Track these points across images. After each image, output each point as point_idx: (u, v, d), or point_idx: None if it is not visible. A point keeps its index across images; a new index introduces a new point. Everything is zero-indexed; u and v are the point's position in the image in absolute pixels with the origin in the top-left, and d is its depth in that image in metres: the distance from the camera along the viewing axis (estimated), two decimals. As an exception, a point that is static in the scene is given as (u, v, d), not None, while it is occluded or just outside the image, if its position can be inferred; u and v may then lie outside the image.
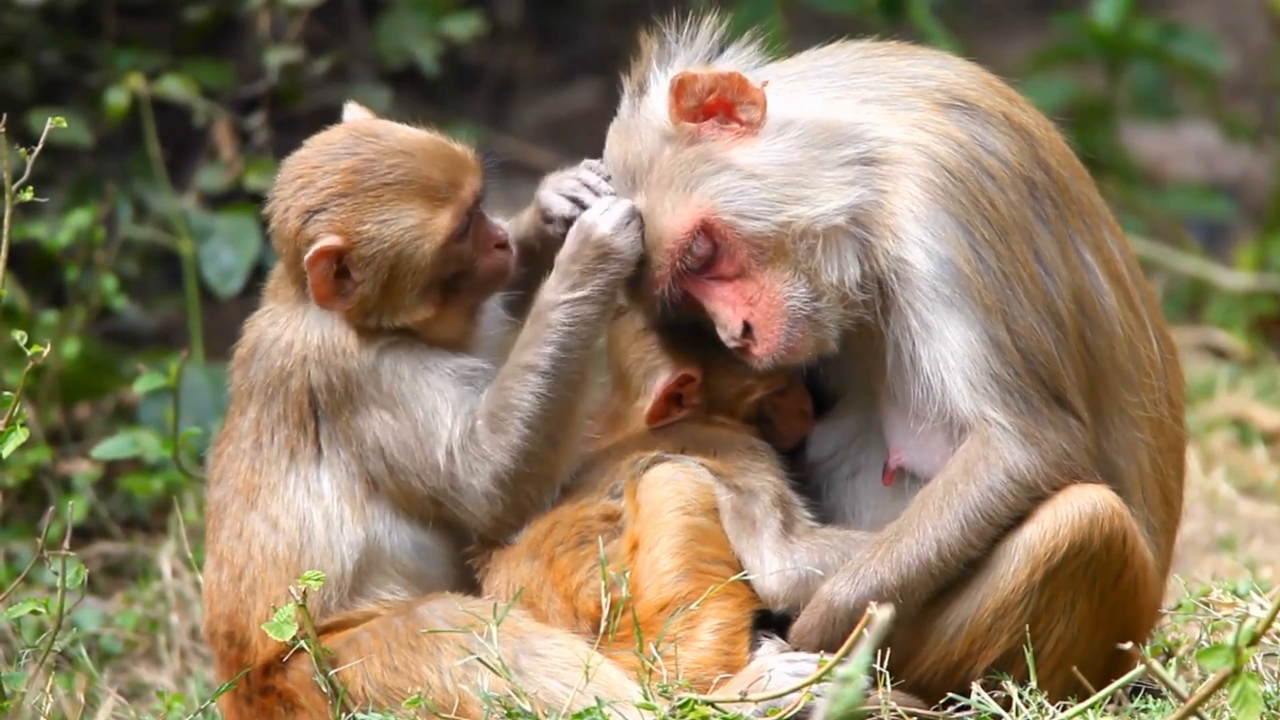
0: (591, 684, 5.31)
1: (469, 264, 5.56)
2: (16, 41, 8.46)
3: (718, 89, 5.43)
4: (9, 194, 5.64)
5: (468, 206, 5.54)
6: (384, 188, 5.50)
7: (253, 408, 5.56)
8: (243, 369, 5.59)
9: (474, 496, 5.48)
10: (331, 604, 5.50)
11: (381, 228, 5.49)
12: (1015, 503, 5.37)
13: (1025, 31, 11.93)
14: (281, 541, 5.51)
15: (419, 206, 5.50)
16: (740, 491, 5.52)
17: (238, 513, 5.55)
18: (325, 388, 5.51)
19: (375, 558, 5.53)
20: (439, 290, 5.54)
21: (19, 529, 7.41)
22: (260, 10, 8.44)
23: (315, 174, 5.52)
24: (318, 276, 5.48)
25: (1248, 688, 4.65)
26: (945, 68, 5.56)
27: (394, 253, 5.48)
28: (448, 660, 5.38)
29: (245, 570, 5.52)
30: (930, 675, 5.44)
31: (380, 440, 5.49)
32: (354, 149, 5.53)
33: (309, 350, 5.52)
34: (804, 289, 5.44)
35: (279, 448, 5.54)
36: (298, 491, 5.52)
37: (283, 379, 5.52)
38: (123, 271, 8.16)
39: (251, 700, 5.53)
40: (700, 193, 5.43)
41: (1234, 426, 8.80)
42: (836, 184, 5.42)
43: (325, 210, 5.49)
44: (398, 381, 5.51)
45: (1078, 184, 5.57)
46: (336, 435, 5.51)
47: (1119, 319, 5.53)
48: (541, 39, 11.15)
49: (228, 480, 5.59)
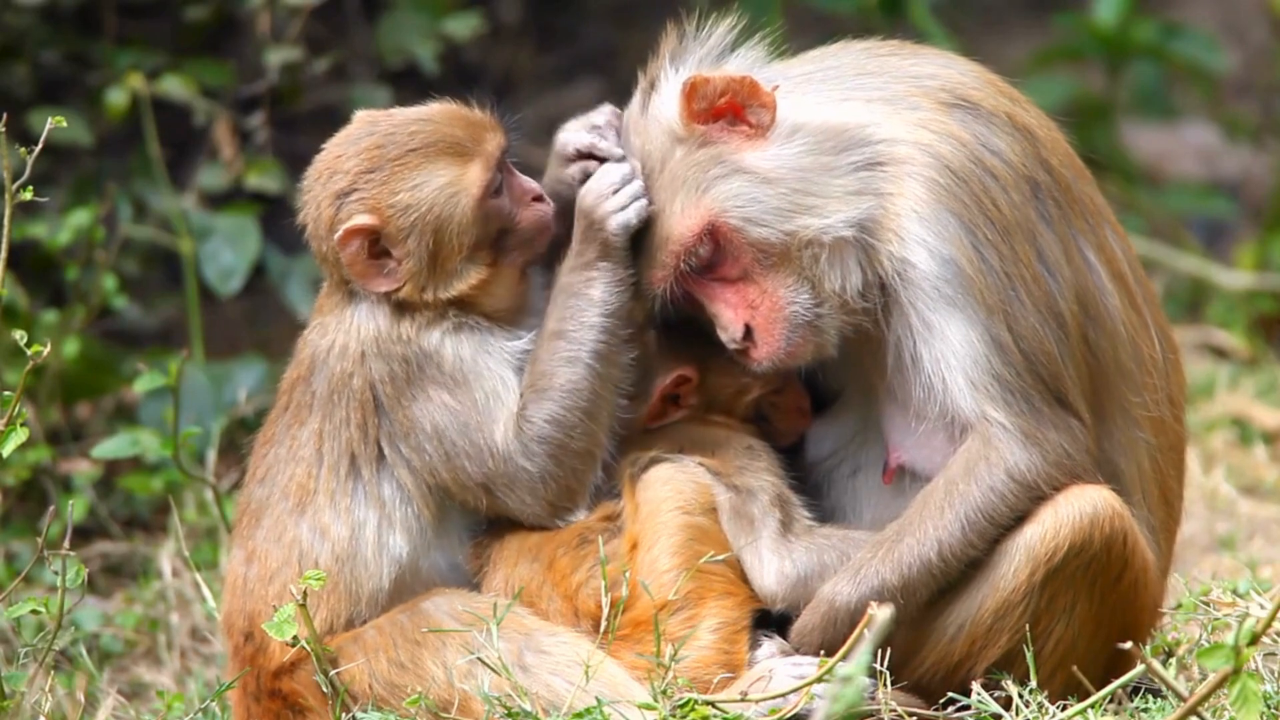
0: (595, 682, 5.31)
1: (510, 220, 5.54)
2: (16, 41, 8.46)
3: (729, 92, 5.43)
4: (9, 194, 5.64)
5: (495, 159, 5.53)
6: (409, 154, 5.50)
7: (314, 419, 5.51)
8: (304, 384, 5.54)
9: (528, 479, 5.45)
10: (358, 622, 5.47)
11: (415, 193, 5.48)
12: (1016, 503, 5.37)
13: (1025, 31, 11.93)
14: (327, 551, 5.47)
15: (448, 165, 5.50)
16: (738, 491, 5.52)
17: (282, 516, 5.50)
18: (388, 378, 5.47)
19: (413, 577, 5.51)
20: (488, 250, 5.52)
21: (19, 529, 7.41)
22: (260, 10, 8.44)
23: (339, 162, 5.52)
24: (350, 256, 5.46)
25: (1248, 687, 4.65)
26: (949, 67, 5.56)
27: (433, 215, 5.47)
28: (453, 655, 5.38)
29: (279, 574, 5.49)
30: (930, 675, 5.44)
31: (438, 424, 5.45)
32: (372, 130, 5.54)
33: (365, 345, 5.49)
34: (806, 295, 5.44)
35: (340, 453, 5.49)
36: (356, 498, 5.48)
37: (345, 381, 5.49)
38: (123, 271, 8.16)
39: (260, 699, 5.52)
40: (711, 196, 5.43)
41: (1234, 426, 8.80)
42: (845, 194, 5.42)
43: (355, 190, 5.49)
44: (459, 363, 5.48)
45: (1080, 183, 5.57)
46: (396, 430, 5.47)
47: (1121, 318, 5.54)
48: (541, 39, 11.15)
49: (274, 481, 5.53)
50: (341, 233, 5.46)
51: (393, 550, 5.49)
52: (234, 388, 7.84)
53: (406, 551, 5.50)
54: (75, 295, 7.89)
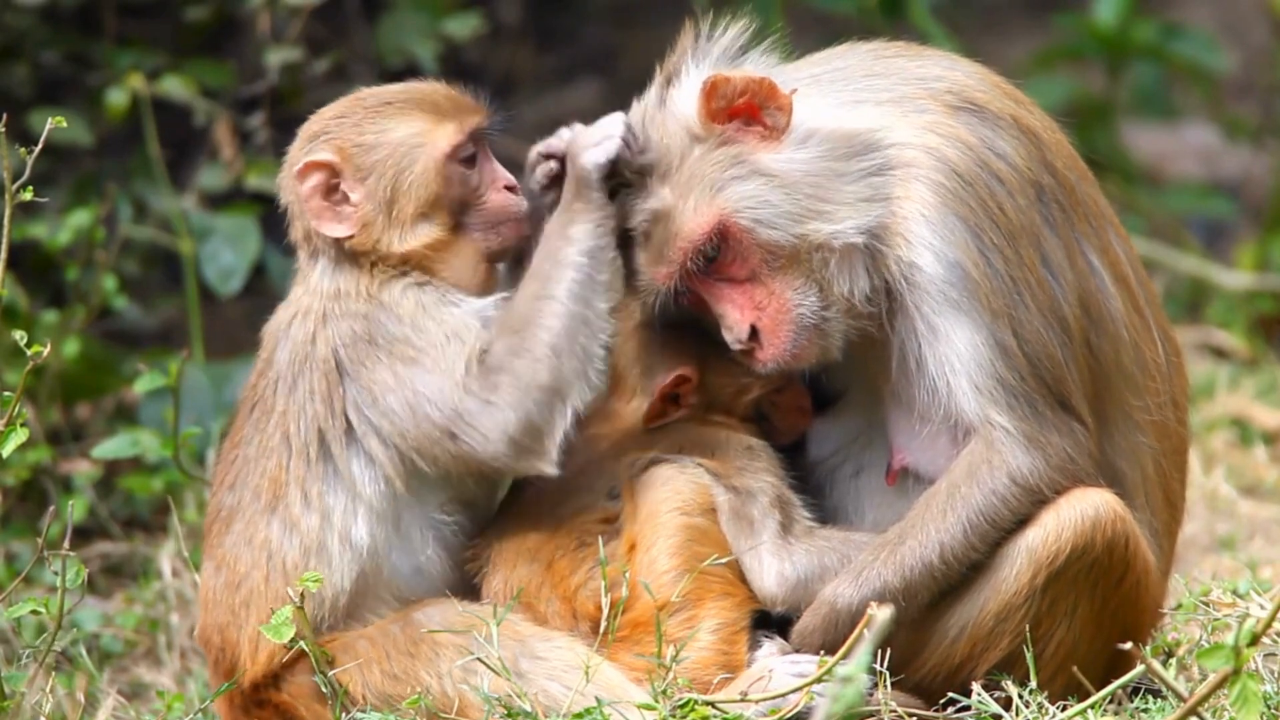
0: (592, 685, 5.30)
1: (474, 194, 5.54)
2: (16, 41, 8.46)
3: (748, 92, 5.42)
4: (9, 194, 5.64)
5: (470, 129, 5.54)
6: (385, 105, 5.54)
7: (279, 401, 5.46)
8: (266, 370, 5.50)
9: (489, 415, 5.35)
10: (323, 628, 5.43)
11: (381, 135, 5.49)
12: (1018, 506, 5.37)
13: (1025, 31, 11.93)
14: (295, 546, 5.42)
15: (421, 119, 5.52)
16: (738, 492, 5.51)
17: (254, 518, 5.46)
18: (350, 339, 5.43)
19: (374, 578, 5.46)
20: (446, 214, 5.51)
21: (19, 529, 7.41)
22: (260, 10, 8.44)
23: (319, 113, 5.59)
24: (308, 191, 5.47)
25: (1248, 688, 4.65)
26: (954, 69, 5.56)
27: (394, 159, 5.48)
28: (447, 665, 5.36)
29: (246, 578, 5.44)
30: (931, 677, 5.44)
31: (400, 375, 5.39)
32: (358, 93, 5.60)
33: (327, 303, 5.47)
34: (814, 298, 5.43)
35: (308, 433, 5.43)
36: (327, 481, 5.43)
37: (307, 349, 5.44)
38: (123, 271, 8.16)
39: (249, 711, 5.48)
40: (724, 195, 5.42)
41: (1234, 426, 8.80)
42: (856, 200, 5.41)
43: (326, 133, 5.53)
44: (421, 310, 5.44)
45: (1083, 186, 5.57)
46: (363, 396, 5.41)
47: (1124, 322, 5.53)
48: (541, 39, 11.15)
49: (244, 483, 5.49)
50: (302, 164, 5.48)
51: (356, 542, 5.42)
52: (234, 388, 7.83)
53: (368, 545, 5.42)
54: (75, 295, 7.89)
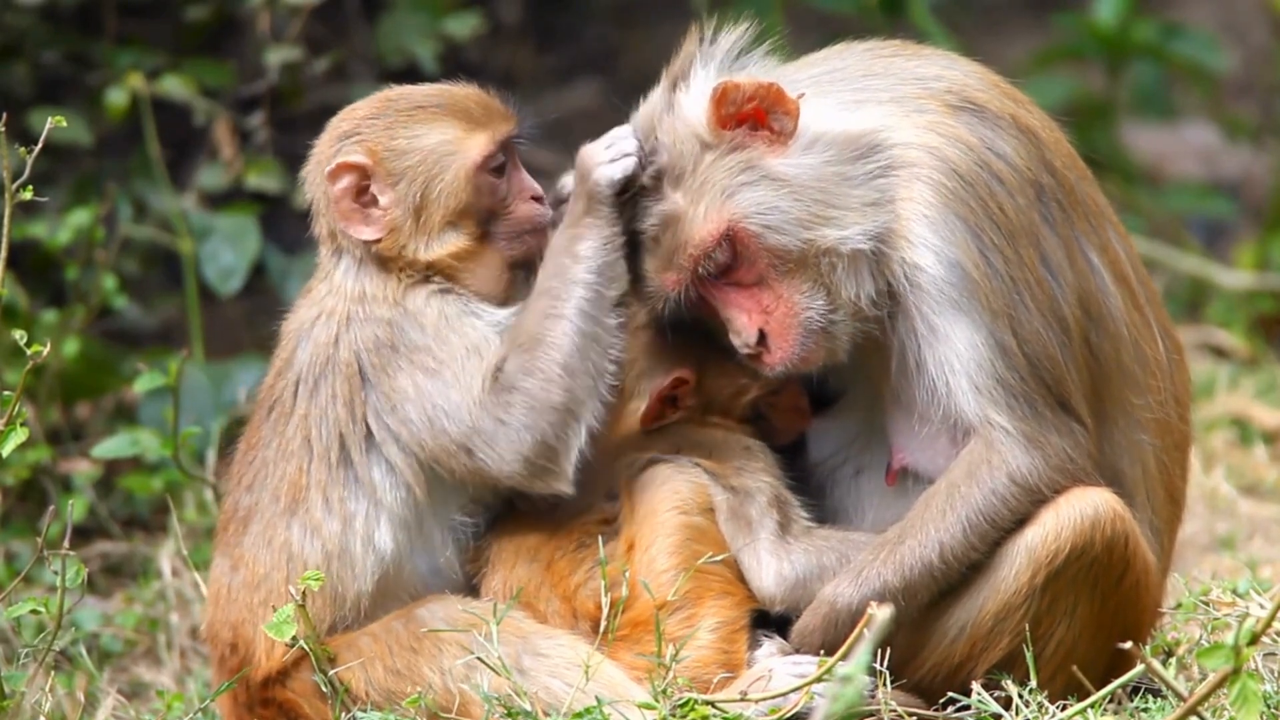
0: (593, 684, 5.30)
1: (502, 204, 5.54)
2: (16, 41, 8.46)
3: (756, 98, 5.42)
4: (9, 193, 5.64)
5: (502, 138, 5.54)
6: (418, 109, 5.52)
7: (300, 404, 5.46)
8: (286, 370, 5.49)
9: (504, 434, 5.35)
10: (341, 628, 5.43)
11: (414, 141, 5.49)
12: (1018, 506, 5.37)
13: (1025, 31, 11.93)
14: (317, 550, 5.41)
15: (453, 126, 5.51)
16: (736, 492, 5.51)
17: (273, 520, 5.45)
18: (372, 345, 5.42)
19: (396, 581, 5.47)
20: (474, 223, 5.51)
21: (19, 528, 7.41)
22: (260, 10, 8.44)
23: (350, 112, 5.57)
24: (338, 193, 5.46)
25: (1248, 687, 4.65)
26: (952, 68, 5.56)
27: (426, 166, 5.47)
28: (449, 661, 5.36)
29: (266, 579, 5.44)
30: (931, 677, 5.44)
31: (421, 386, 5.39)
32: (390, 92, 5.57)
33: (351, 307, 5.46)
34: (822, 301, 5.43)
35: (329, 438, 5.43)
36: (349, 487, 5.42)
37: (329, 351, 5.44)
38: (123, 271, 8.16)
39: (253, 709, 5.48)
40: (735, 201, 5.42)
41: (1234, 426, 8.80)
42: (862, 205, 5.41)
43: (358, 133, 5.51)
44: (443, 321, 5.44)
45: (1083, 185, 5.57)
46: (383, 403, 5.40)
47: (1125, 320, 5.54)
48: (541, 39, 11.15)
49: (263, 485, 5.48)
50: (334, 166, 5.46)
51: (379, 546, 5.43)
52: (234, 388, 7.84)
53: (391, 550, 5.44)
54: (75, 295, 7.89)
